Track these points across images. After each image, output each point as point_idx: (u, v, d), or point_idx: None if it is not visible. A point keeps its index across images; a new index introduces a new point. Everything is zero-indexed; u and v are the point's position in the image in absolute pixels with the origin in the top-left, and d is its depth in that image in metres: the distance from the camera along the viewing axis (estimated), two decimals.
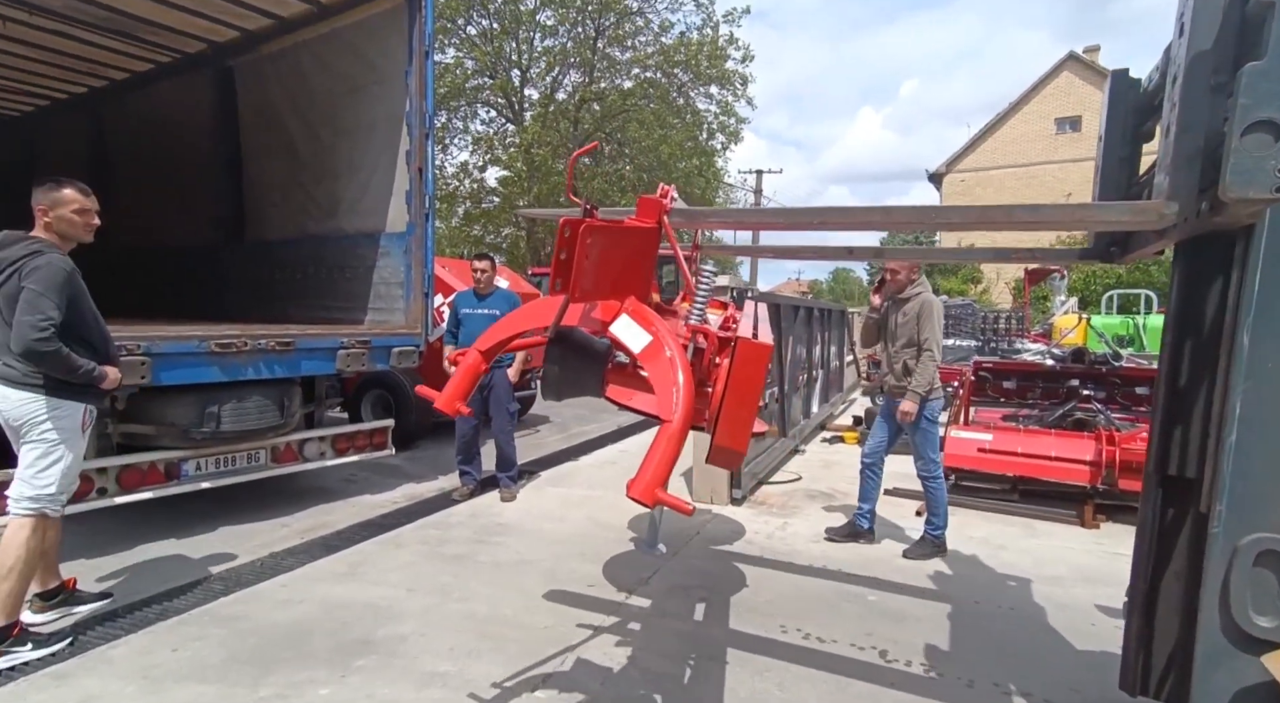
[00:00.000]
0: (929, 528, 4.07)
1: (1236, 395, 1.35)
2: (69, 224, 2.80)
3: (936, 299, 3.96)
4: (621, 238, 1.87)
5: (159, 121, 7.58)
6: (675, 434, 1.57)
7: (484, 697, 2.48)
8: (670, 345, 1.71)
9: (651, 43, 19.16)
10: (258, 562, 3.75)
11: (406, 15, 5.19)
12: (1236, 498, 1.38)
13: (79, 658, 2.68)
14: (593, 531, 4.42)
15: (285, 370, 4.43)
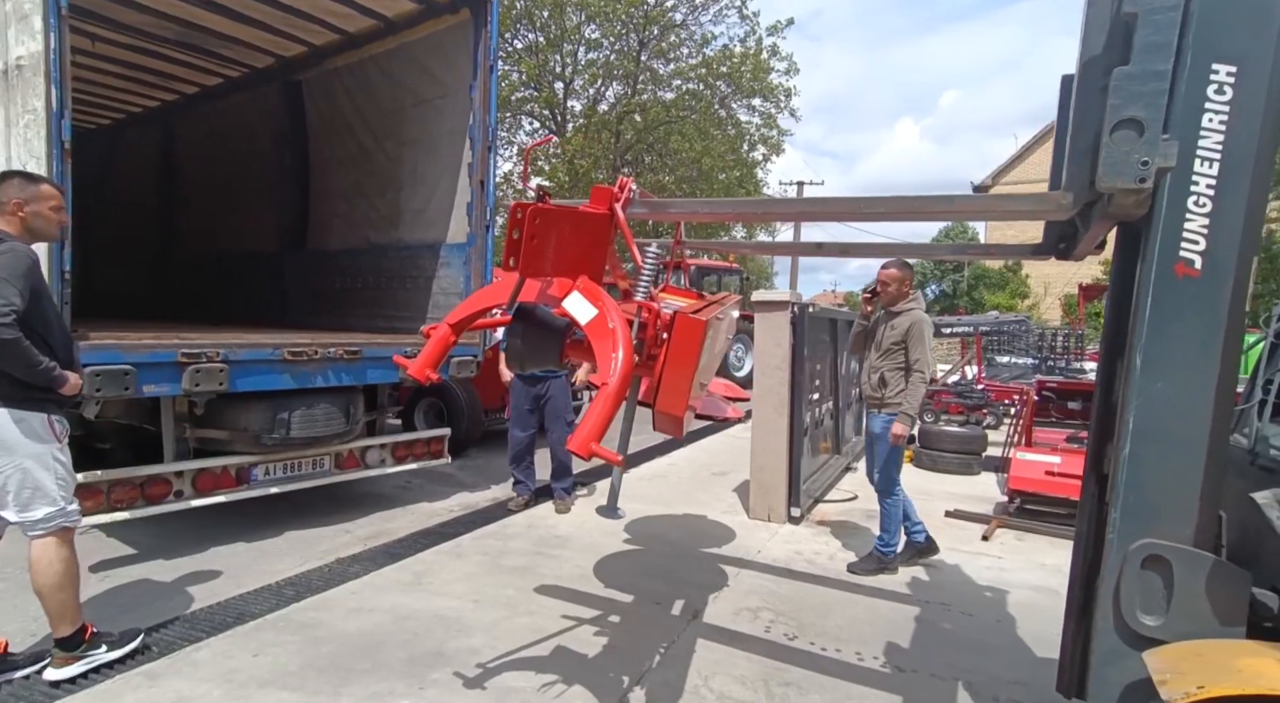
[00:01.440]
0: (878, 544, 4.01)
1: (1130, 411, 1.45)
2: (45, 220, 2.62)
3: (927, 317, 3.93)
4: (572, 222, 2.05)
5: (227, 133, 7.86)
6: (611, 395, 1.77)
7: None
8: (614, 319, 1.88)
9: (694, 54, 19.22)
10: (325, 568, 3.80)
11: (472, 31, 5.28)
12: (1129, 506, 1.47)
13: (167, 659, 2.74)
14: (650, 546, 4.38)
15: (352, 379, 4.51)
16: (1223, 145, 1.37)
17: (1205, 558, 1.45)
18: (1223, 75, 1.36)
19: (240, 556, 3.98)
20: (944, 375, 12.69)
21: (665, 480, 6.19)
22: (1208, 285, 1.40)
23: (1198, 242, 1.40)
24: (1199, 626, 1.45)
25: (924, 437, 7.33)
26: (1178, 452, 1.45)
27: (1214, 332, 1.41)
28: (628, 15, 17.87)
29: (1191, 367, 1.42)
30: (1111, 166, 1.34)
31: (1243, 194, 1.38)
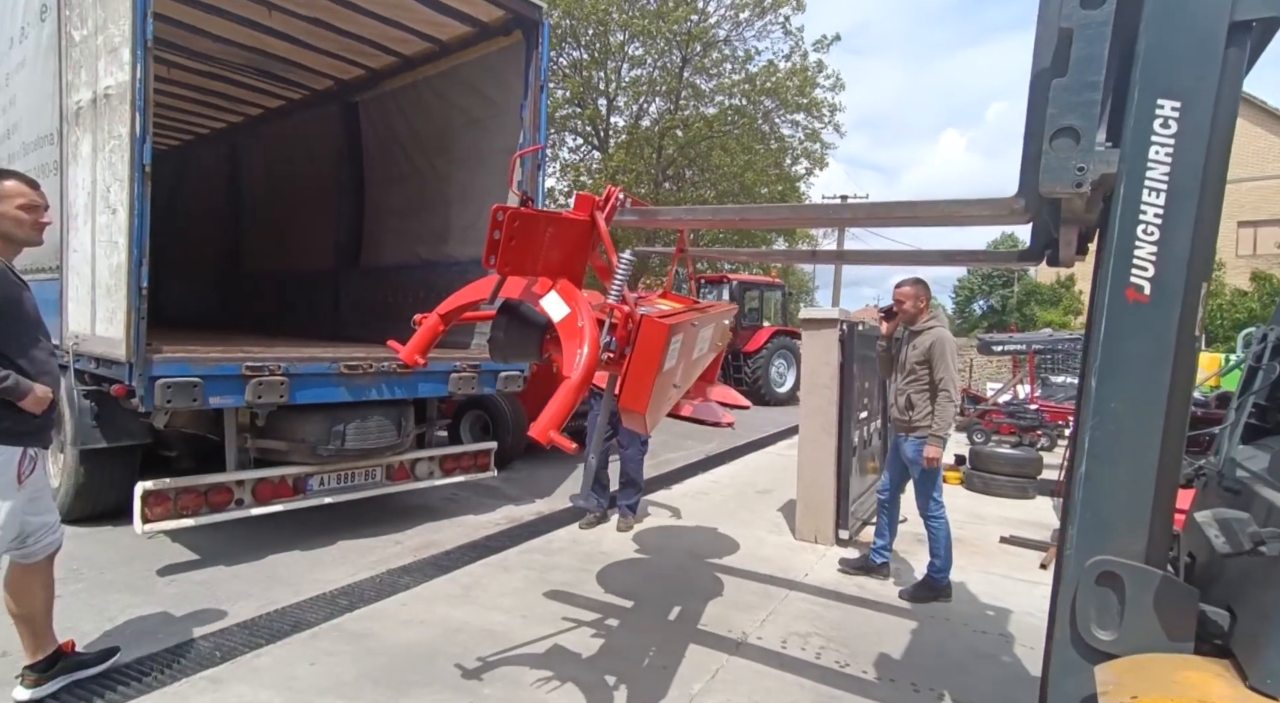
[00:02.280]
0: (930, 570, 3.88)
1: (1086, 431, 1.51)
2: (13, 223, 2.31)
3: (950, 335, 3.88)
4: (554, 226, 2.18)
5: (287, 153, 8.19)
6: (573, 387, 1.89)
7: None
8: (584, 318, 2.03)
9: (737, 70, 19.26)
10: (377, 578, 3.87)
11: (524, 52, 5.40)
12: (1084, 523, 1.52)
13: (230, 664, 2.82)
14: (695, 565, 4.34)
15: (404, 392, 4.62)
16: (1169, 176, 1.44)
17: (1154, 575, 1.49)
18: (1168, 110, 1.44)
19: (296, 563, 4.08)
20: (994, 395, 12.30)
21: (708, 498, 6.13)
22: (1156, 310, 1.46)
23: (1146, 268, 1.47)
24: (1149, 640, 1.49)
25: (975, 458, 7.11)
26: (1130, 471, 1.50)
27: (1163, 355, 1.46)
28: (671, 33, 18.03)
29: (1142, 388, 1.48)
30: (1050, 173, 1.43)
31: (1188, 223, 1.44)
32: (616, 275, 2.22)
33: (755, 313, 15.41)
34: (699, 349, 2.50)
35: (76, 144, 3.76)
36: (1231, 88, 1.43)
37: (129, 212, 3.32)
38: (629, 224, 2.33)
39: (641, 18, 17.69)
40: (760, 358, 14.02)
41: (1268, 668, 1.36)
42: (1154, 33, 1.43)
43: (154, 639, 3.02)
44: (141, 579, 3.69)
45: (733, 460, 8.05)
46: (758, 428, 10.52)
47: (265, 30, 5.95)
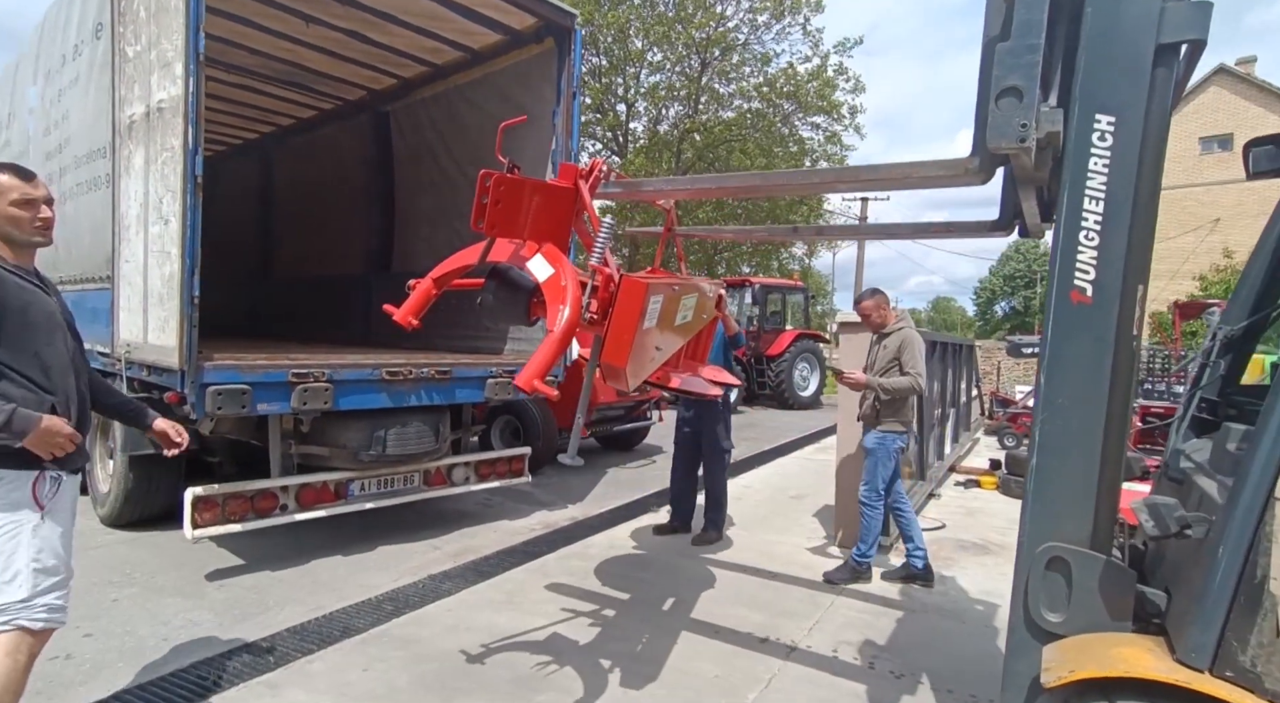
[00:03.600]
0: (855, 553, 4.12)
1: (1037, 425, 1.60)
2: (10, 221, 2.00)
3: (917, 336, 4.07)
4: (540, 194, 2.28)
5: (319, 162, 8.31)
6: (555, 340, 2.02)
7: None
8: (566, 279, 2.14)
9: (756, 73, 19.23)
10: (419, 584, 3.88)
11: (556, 59, 5.43)
12: (1036, 513, 1.62)
13: (284, 669, 2.85)
14: (736, 572, 4.30)
15: (442, 398, 4.64)
16: (1106, 186, 1.53)
17: (1098, 559, 1.56)
18: (1104, 124, 1.54)
19: (339, 568, 4.11)
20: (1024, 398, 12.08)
21: (741, 503, 6.09)
22: (1098, 311, 1.54)
23: (1088, 271, 1.55)
24: (1093, 620, 1.57)
25: (1012, 463, 6.99)
26: (1076, 463, 1.58)
27: (1103, 353, 1.54)
28: (690, 39, 18.06)
29: (1085, 384, 1.56)
30: (995, 129, 1.49)
31: (1124, 229, 1.52)
32: (598, 240, 2.30)
33: (777, 316, 15.31)
34: (681, 316, 2.55)
35: (129, 157, 3.84)
36: (1161, 104, 1.52)
37: (181, 222, 3.38)
38: (613, 196, 2.46)
39: (660, 24, 17.74)
40: (783, 362, 13.92)
41: (1192, 642, 1.44)
42: (1091, 52, 1.53)
43: (208, 645, 3.06)
44: (192, 584, 3.74)
45: (761, 466, 7.99)
46: (783, 432, 10.45)
47: (302, 43, 6.05)
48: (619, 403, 7.80)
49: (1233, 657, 1.40)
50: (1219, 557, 1.41)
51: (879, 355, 4.12)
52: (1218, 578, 1.41)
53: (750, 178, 2.25)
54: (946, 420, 7.70)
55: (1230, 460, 1.60)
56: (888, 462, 4.04)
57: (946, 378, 7.70)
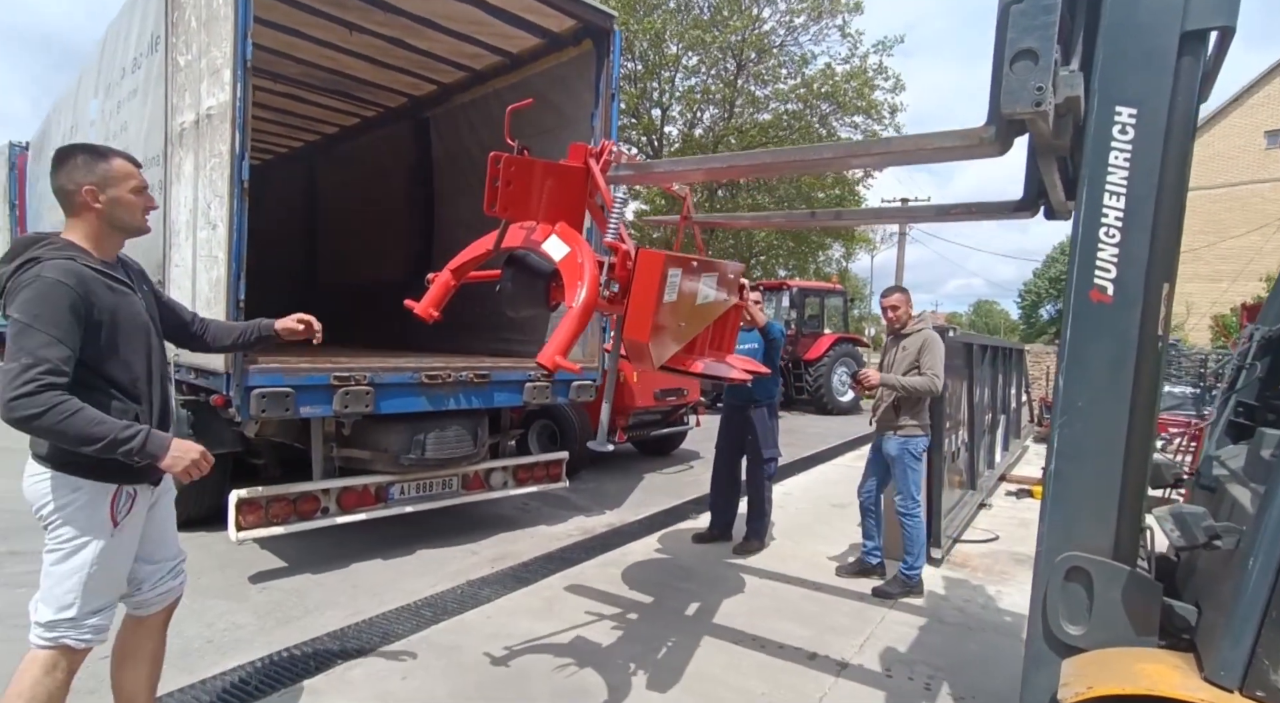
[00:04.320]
0: (903, 566, 4.00)
1: (1056, 429, 1.54)
2: (127, 208, 1.90)
3: (939, 337, 4.00)
4: (551, 174, 2.27)
5: (361, 170, 8.44)
6: (575, 316, 2.02)
7: None
8: (583, 256, 2.12)
9: (793, 74, 18.99)
10: (458, 590, 3.85)
11: (594, 61, 5.38)
12: (1055, 520, 1.56)
13: (324, 676, 2.83)
14: (779, 583, 4.17)
15: (480, 402, 4.62)
16: (1127, 180, 1.47)
17: (1121, 570, 1.49)
18: (1125, 117, 1.47)
19: (378, 573, 4.11)
20: None
21: (782, 511, 5.93)
22: (1119, 310, 1.48)
23: (1109, 269, 1.49)
24: (1116, 635, 1.50)
25: None
26: (1097, 468, 1.52)
27: (1126, 354, 1.48)
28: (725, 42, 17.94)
29: (1107, 387, 1.50)
30: (1010, 94, 1.42)
31: (1147, 226, 1.45)
32: (611, 217, 2.26)
33: (815, 320, 15.04)
34: (703, 295, 2.50)
35: (180, 164, 3.92)
36: (1186, 95, 1.44)
37: (228, 227, 3.42)
38: (624, 179, 2.40)
39: (695, 27, 17.66)
40: (822, 366, 13.65)
41: (1221, 660, 1.36)
42: (1110, 42, 1.47)
43: (250, 648, 3.06)
44: (235, 586, 3.77)
45: (801, 473, 7.81)
46: (823, 438, 10.22)
47: (345, 51, 6.14)
48: (656, 407, 7.71)
49: (1264, 676, 1.33)
50: (1249, 569, 1.34)
51: (898, 357, 4.05)
52: (1248, 592, 1.34)
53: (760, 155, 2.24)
54: (996, 427, 7.41)
55: (1264, 468, 1.51)
56: (916, 465, 3.98)
57: (996, 383, 7.41)
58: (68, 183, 1.83)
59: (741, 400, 4.83)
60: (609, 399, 2.77)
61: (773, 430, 4.87)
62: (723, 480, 5.00)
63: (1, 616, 3.31)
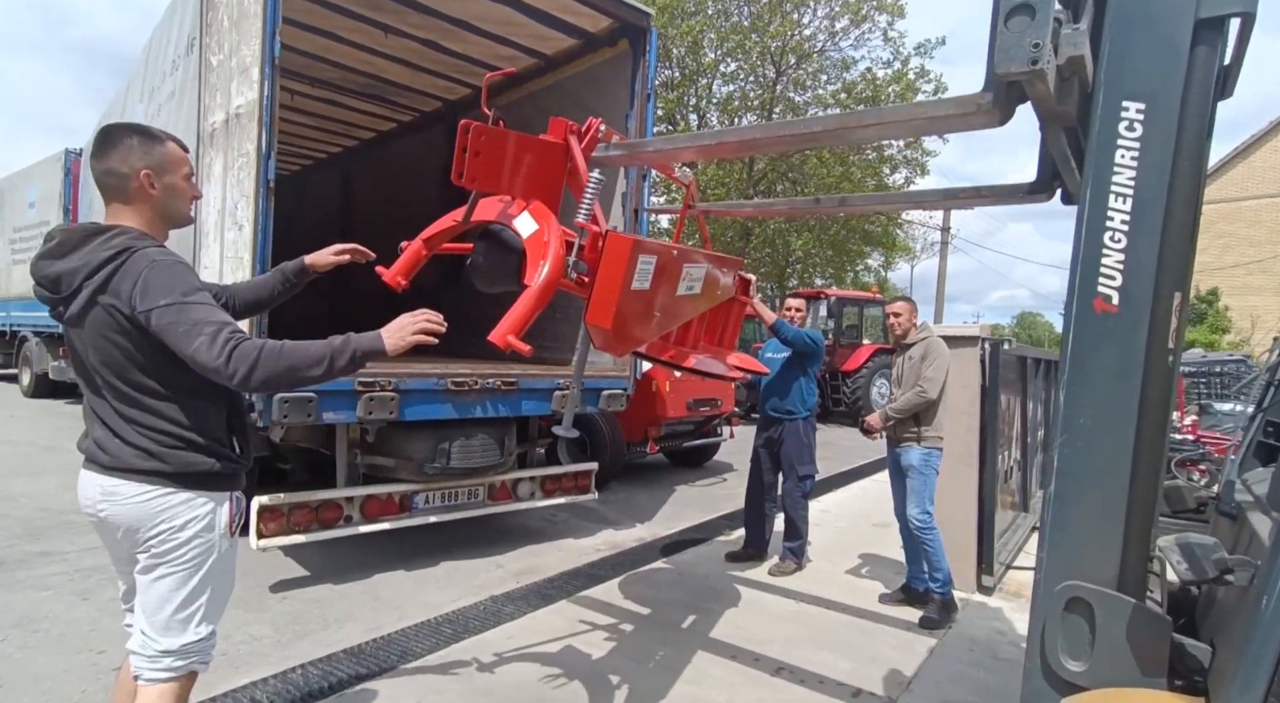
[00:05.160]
0: (935, 586, 3.79)
1: (1055, 449, 1.44)
2: (181, 196, 1.76)
3: (943, 343, 3.88)
4: (527, 148, 2.19)
5: (396, 174, 8.46)
6: (533, 293, 1.94)
7: None
8: (550, 234, 2.06)
9: (834, 80, 18.67)
10: (481, 606, 3.70)
11: (630, 62, 5.25)
12: (1054, 546, 1.45)
13: (337, 697, 2.69)
14: (818, 609, 3.91)
15: (508, 410, 4.49)
16: (1135, 181, 1.37)
17: (1126, 603, 1.39)
18: (1133, 112, 1.38)
19: (401, 584, 3.99)
20: None
21: (820, 530, 5.65)
22: (1125, 321, 1.39)
23: (1114, 277, 1.40)
24: (1120, 673, 1.41)
25: None
26: (1100, 491, 1.42)
27: (1132, 367, 1.39)
28: (764, 48, 17.73)
29: (1111, 403, 1.41)
30: (1004, 52, 1.32)
31: (1156, 230, 1.36)
32: (586, 194, 2.19)
33: (854, 330, 14.62)
34: (685, 286, 2.40)
35: (210, 165, 3.89)
36: (1201, 88, 1.35)
37: (254, 227, 3.36)
38: (614, 160, 2.31)
39: (735, 33, 17.49)
40: (860, 378, 13.25)
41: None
42: (1116, 32, 1.38)
43: (266, 662, 2.95)
44: (255, 595, 3.69)
45: (838, 489, 7.49)
46: (861, 452, 9.85)
47: (380, 55, 6.14)
48: (689, 418, 7.50)
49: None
50: (1263, 608, 1.23)
51: (905, 369, 3.93)
52: (1261, 633, 1.22)
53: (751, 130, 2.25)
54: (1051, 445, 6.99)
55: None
56: (934, 478, 3.85)
57: (1050, 399, 7.00)
58: (121, 165, 1.66)
59: (776, 413, 4.60)
60: (578, 380, 2.74)
61: (809, 446, 4.61)
62: (758, 497, 4.77)
63: (25, 619, 3.28)
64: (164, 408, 1.65)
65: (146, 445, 1.63)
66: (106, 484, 1.64)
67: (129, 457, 1.63)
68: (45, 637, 3.10)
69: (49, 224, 10.12)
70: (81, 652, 2.94)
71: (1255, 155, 22.70)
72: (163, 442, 1.64)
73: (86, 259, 1.58)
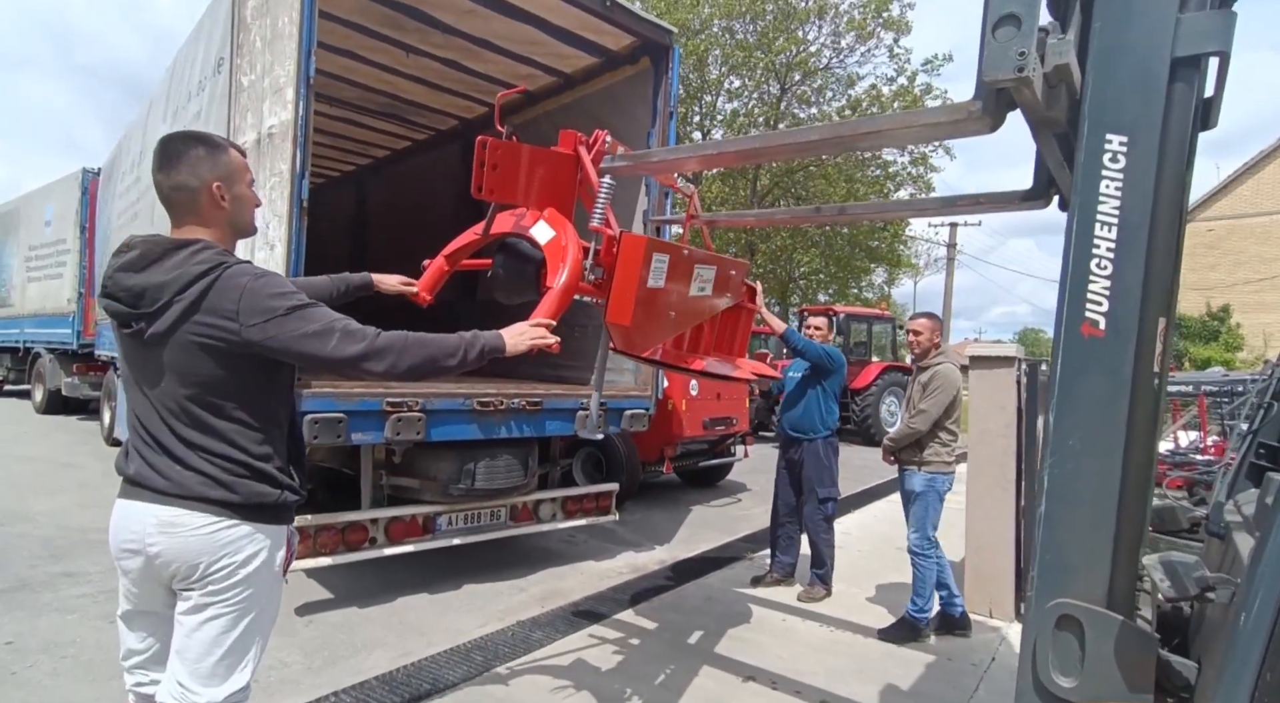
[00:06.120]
0: (910, 608, 3.78)
1: (1045, 469, 1.47)
2: (248, 207, 1.70)
3: (954, 372, 3.83)
4: (540, 160, 2.30)
5: (411, 192, 8.49)
6: (554, 295, 2.07)
7: None
8: (567, 239, 2.17)
9: (839, 96, 18.81)
10: (507, 631, 3.63)
11: (651, 80, 5.26)
12: (1045, 565, 1.47)
13: None
14: (851, 638, 3.83)
15: (532, 430, 4.44)
16: (1119, 210, 1.42)
17: (1114, 620, 1.42)
18: (1115, 145, 1.43)
19: (425, 608, 3.92)
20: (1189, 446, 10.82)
21: (844, 553, 5.55)
22: (1111, 345, 1.43)
23: (1101, 303, 1.45)
24: (1108, 689, 1.45)
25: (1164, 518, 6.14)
26: (1089, 511, 1.45)
27: (1119, 391, 1.43)
28: (770, 64, 17.88)
29: (1098, 425, 1.44)
30: (991, 61, 1.38)
31: (1140, 257, 1.41)
32: (598, 200, 2.25)
33: (863, 347, 14.57)
34: (697, 287, 2.46)
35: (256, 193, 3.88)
36: (1180, 121, 1.42)
37: (286, 246, 3.34)
38: (619, 170, 2.37)
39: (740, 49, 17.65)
40: (869, 395, 13.17)
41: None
42: (1098, 68, 1.44)
43: (298, 689, 2.89)
44: (283, 618, 3.57)
45: (856, 510, 7.40)
46: (874, 471, 9.75)
47: (400, 75, 6.17)
48: (704, 437, 7.43)
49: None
50: (1242, 623, 1.27)
51: (914, 391, 3.90)
52: (1240, 650, 1.26)
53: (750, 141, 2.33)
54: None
55: (1266, 514, 1.44)
56: (938, 504, 3.79)
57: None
58: (191, 179, 1.56)
59: (795, 433, 4.53)
60: (598, 385, 2.84)
61: (830, 468, 4.49)
62: (780, 519, 4.69)
63: (51, 643, 3.22)
64: (236, 433, 1.57)
65: (215, 473, 1.54)
66: (165, 515, 1.53)
67: (195, 484, 1.53)
68: (74, 663, 3.04)
69: (64, 243, 10.16)
70: (112, 678, 2.86)
71: (1265, 171, 22.75)
72: (232, 470, 1.55)
73: (176, 274, 1.50)
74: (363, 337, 1.56)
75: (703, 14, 17.74)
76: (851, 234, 19.77)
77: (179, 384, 1.53)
